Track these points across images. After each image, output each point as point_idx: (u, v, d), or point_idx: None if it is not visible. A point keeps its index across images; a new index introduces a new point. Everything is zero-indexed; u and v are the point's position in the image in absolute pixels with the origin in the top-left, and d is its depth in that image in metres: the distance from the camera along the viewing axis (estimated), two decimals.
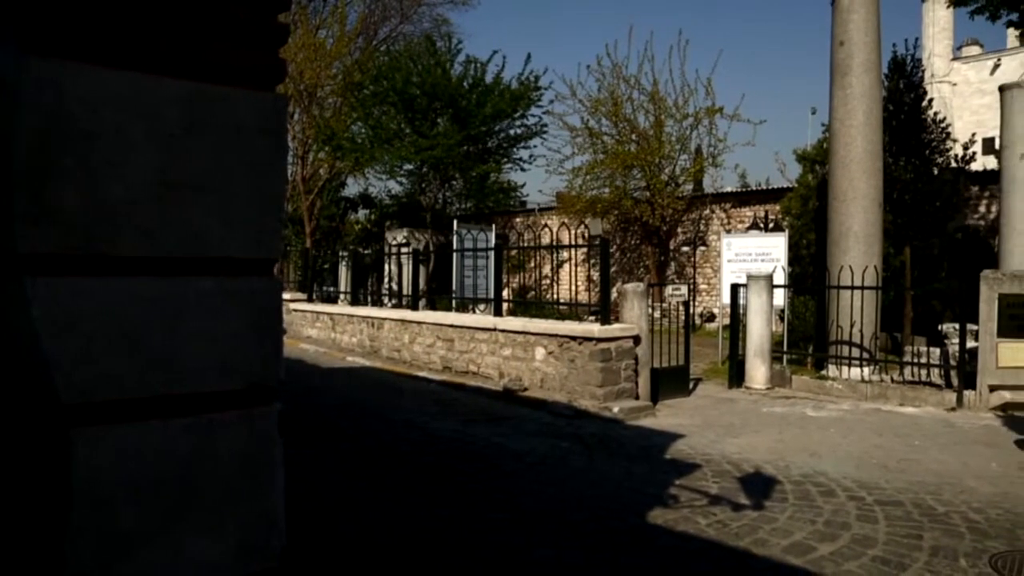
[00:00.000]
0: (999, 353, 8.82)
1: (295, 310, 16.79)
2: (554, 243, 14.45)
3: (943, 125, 14.75)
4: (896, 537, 4.57)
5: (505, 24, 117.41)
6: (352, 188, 27.68)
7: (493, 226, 17.90)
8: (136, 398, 1.51)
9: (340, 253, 19.92)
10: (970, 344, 9.20)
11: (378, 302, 16.30)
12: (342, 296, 17.81)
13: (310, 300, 17.34)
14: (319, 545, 4.39)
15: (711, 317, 19.37)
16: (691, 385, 10.19)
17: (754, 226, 19.18)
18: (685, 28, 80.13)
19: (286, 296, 17.40)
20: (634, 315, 9.14)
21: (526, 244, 17.02)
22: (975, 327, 9.13)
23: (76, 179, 1.44)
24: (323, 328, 15.61)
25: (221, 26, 1.63)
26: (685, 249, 21.59)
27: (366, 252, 20.16)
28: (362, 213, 28.22)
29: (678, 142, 20.58)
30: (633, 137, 20.58)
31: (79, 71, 1.44)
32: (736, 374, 10.52)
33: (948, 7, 14.26)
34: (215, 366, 1.60)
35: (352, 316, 14.40)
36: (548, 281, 21.92)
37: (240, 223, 1.63)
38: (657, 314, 11.66)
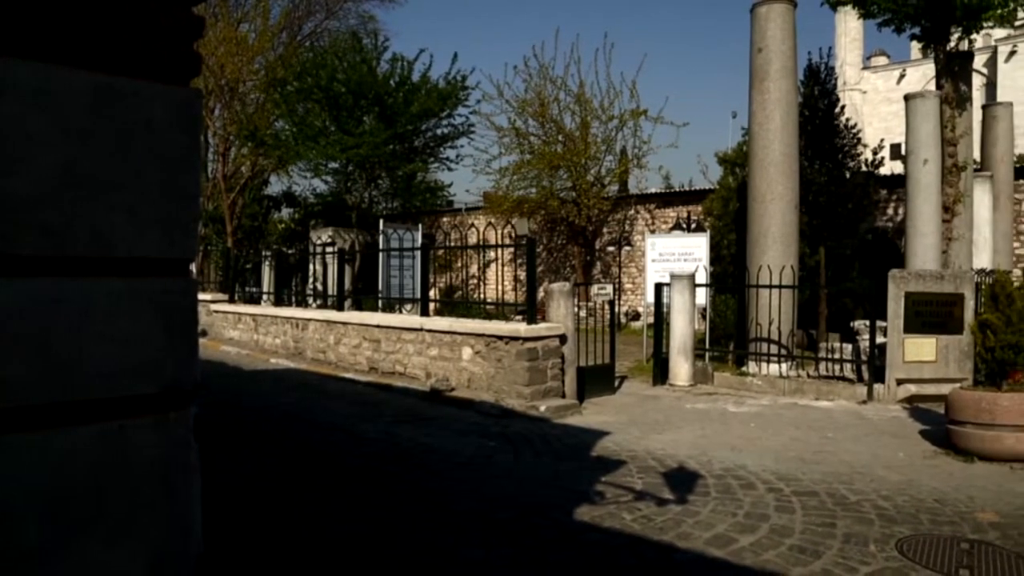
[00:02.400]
0: (905, 348, 9.25)
1: (216, 311, 16.32)
2: (481, 243, 14.44)
3: (854, 131, 15.45)
4: (812, 526, 4.75)
5: (431, 24, 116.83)
6: (276, 186, 27.10)
7: (420, 226, 17.77)
8: (40, 404, 1.44)
9: (263, 253, 19.43)
10: (879, 340, 9.64)
11: (303, 303, 15.98)
12: (265, 297, 17.40)
13: (232, 301, 16.88)
14: (241, 552, 4.28)
15: (636, 316, 19.73)
16: (616, 383, 10.35)
17: (677, 226, 19.65)
18: (611, 32, 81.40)
19: (207, 297, 16.90)
20: (560, 314, 9.22)
21: (453, 244, 16.98)
22: (884, 323, 9.56)
23: None
24: (245, 330, 15.21)
25: (132, 17, 1.57)
26: (611, 249, 21.95)
27: (290, 252, 19.72)
28: (286, 212, 27.64)
29: (604, 143, 20.91)
30: (559, 138, 20.80)
31: None
32: (660, 372, 10.74)
33: (859, 18, 14.89)
34: (125, 370, 1.53)
35: (276, 317, 14.09)
36: (475, 281, 21.97)
37: (151, 221, 1.57)
38: (583, 313, 11.80)
